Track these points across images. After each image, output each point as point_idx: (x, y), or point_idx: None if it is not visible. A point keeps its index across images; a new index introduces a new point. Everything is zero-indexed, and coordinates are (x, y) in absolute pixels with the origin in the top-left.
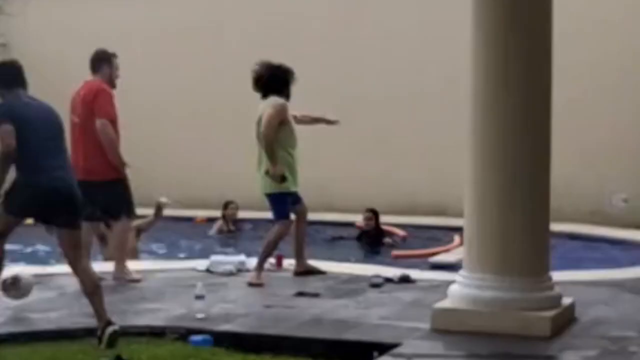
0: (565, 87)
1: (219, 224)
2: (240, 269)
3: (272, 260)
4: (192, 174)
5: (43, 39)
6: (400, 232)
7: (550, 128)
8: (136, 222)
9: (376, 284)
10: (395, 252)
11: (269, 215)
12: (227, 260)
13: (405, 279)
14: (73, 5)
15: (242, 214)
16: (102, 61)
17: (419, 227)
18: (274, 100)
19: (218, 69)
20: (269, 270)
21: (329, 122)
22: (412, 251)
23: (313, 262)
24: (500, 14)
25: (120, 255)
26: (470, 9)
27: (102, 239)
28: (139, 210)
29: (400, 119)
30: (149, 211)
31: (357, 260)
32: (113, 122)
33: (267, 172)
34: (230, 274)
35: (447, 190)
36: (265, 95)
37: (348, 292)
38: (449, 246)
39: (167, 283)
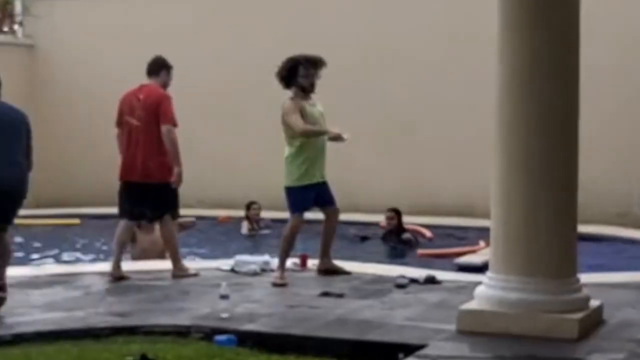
0: (593, 86)
1: (246, 224)
2: (265, 269)
3: (296, 260)
4: (216, 173)
5: (70, 40)
6: (427, 233)
7: (577, 127)
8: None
9: (401, 284)
10: (421, 251)
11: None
12: (252, 260)
13: (430, 280)
14: (100, 6)
15: (269, 215)
16: (163, 68)
17: (445, 227)
18: (285, 99)
19: (244, 68)
20: (293, 270)
21: (336, 138)
22: (438, 250)
23: (339, 263)
24: (526, 12)
25: (175, 253)
26: (497, 6)
27: (132, 238)
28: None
29: (425, 118)
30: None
31: (380, 261)
32: (175, 127)
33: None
34: (254, 273)
35: (473, 190)
36: (285, 88)
37: (373, 292)
38: (476, 247)
39: (192, 283)
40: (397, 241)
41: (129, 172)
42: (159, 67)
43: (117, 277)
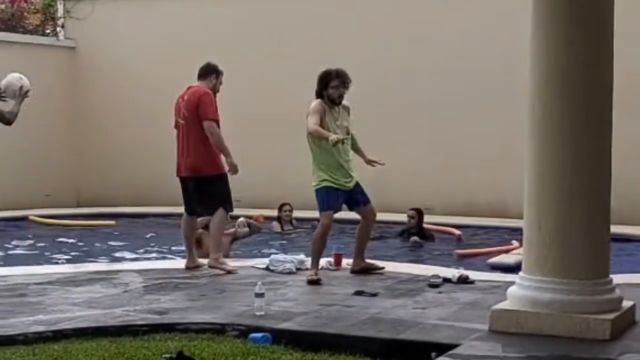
0: (626, 85)
1: (276, 224)
2: (300, 268)
3: (330, 259)
4: (254, 174)
5: (111, 44)
6: (456, 231)
7: (611, 126)
8: (232, 230)
9: (435, 284)
10: (459, 251)
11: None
12: (287, 258)
13: (464, 280)
14: (141, 8)
15: (305, 214)
16: (213, 72)
17: (479, 227)
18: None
19: (284, 73)
20: (327, 269)
21: (369, 162)
22: (474, 250)
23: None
24: (560, 11)
25: (217, 245)
26: (530, 6)
27: (199, 242)
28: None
29: (459, 116)
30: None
31: (393, 258)
32: (217, 123)
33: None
34: (290, 272)
35: (507, 191)
36: (316, 97)
37: (406, 292)
38: (510, 247)
39: (228, 282)
40: (408, 238)
41: (181, 168)
42: (209, 72)
43: (190, 267)
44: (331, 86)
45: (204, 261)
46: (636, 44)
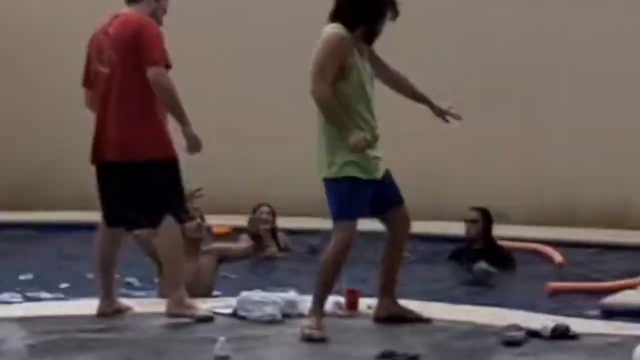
0: None
1: (244, 239)
2: (289, 314)
3: (340, 299)
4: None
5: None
6: (556, 256)
7: None
8: (219, 245)
9: (514, 340)
10: (553, 285)
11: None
12: (268, 298)
13: (561, 333)
14: None
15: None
16: None
17: (583, 245)
18: (329, 28)
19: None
20: (335, 315)
21: (441, 113)
22: (578, 283)
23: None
24: None
25: (176, 277)
26: None
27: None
28: (213, 219)
29: (553, 93)
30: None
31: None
32: (168, 69)
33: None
34: (272, 320)
35: (629, 190)
36: (349, 26)
37: (467, 353)
38: (635, 281)
39: (170, 335)
40: (470, 259)
41: (101, 149)
42: None
43: (107, 313)
44: (381, 20)
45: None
46: None
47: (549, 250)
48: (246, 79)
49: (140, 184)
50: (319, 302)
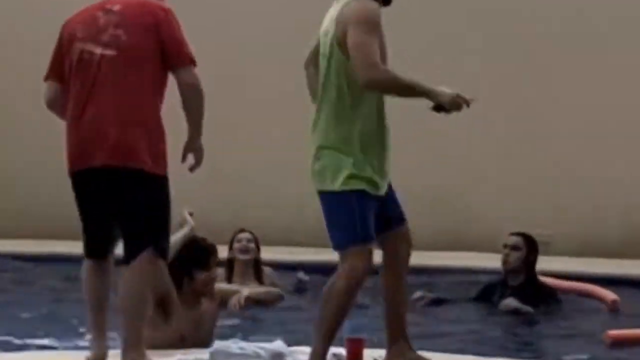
0: None
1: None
2: None
3: (340, 351)
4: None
5: None
6: (609, 295)
7: None
8: (223, 287)
9: None
10: (612, 332)
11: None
12: (248, 349)
13: None
14: None
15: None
16: None
17: None
18: (351, 5)
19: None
20: None
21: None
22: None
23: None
24: None
25: (137, 328)
26: None
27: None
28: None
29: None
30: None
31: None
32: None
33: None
34: None
35: None
36: None
37: None
38: None
39: None
40: (505, 294)
41: (87, 150)
42: None
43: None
44: None
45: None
46: None
47: (598, 289)
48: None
49: (128, 199)
50: (320, 350)
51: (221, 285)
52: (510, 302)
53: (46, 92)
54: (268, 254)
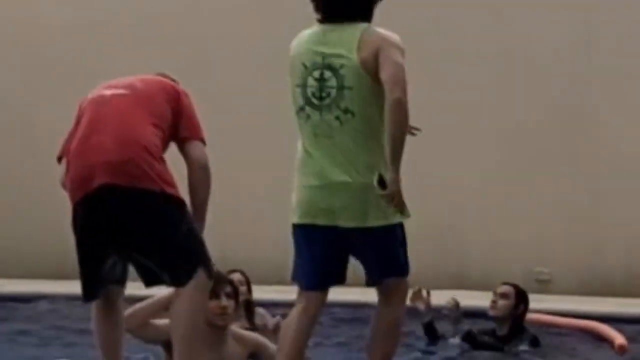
0: None
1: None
2: None
3: None
4: None
5: None
6: (615, 335)
7: None
8: (256, 339)
9: None
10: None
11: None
12: None
13: None
14: None
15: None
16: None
17: None
18: (382, 31)
19: None
20: None
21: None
22: None
23: None
24: None
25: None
26: None
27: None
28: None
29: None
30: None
31: None
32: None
33: (380, 182)
34: None
35: None
36: (339, 17)
37: None
38: None
39: None
40: (485, 346)
41: (88, 170)
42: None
43: None
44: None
45: None
46: None
47: (606, 329)
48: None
49: (156, 221)
50: None
51: (257, 337)
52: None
53: (61, 171)
54: (260, 293)
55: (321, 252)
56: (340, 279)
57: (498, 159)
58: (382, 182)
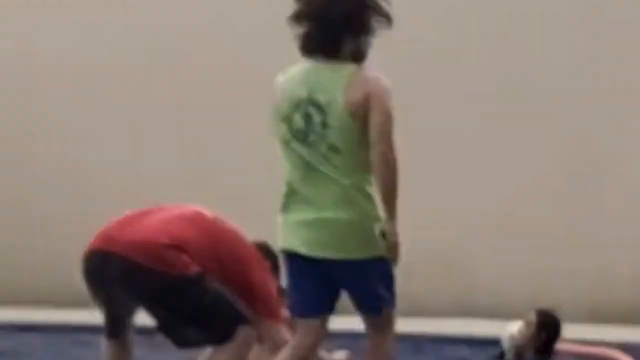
0: None
1: None
2: None
3: None
4: None
5: None
6: None
7: None
8: None
9: None
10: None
11: None
12: None
13: None
14: None
15: None
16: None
17: None
18: (370, 73)
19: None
20: None
21: None
22: None
23: None
24: None
25: None
26: None
27: None
28: None
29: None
30: None
31: None
32: None
33: (382, 235)
34: None
35: None
36: (322, 54)
37: None
38: None
39: None
40: None
41: (110, 236)
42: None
43: None
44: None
45: None
46: None
47: (618, 355)
48: None
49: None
50: None
51: None
52: None
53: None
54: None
55: (306, 282)
56: (328, 309)
57: (502, 188)
58: (383, 235)
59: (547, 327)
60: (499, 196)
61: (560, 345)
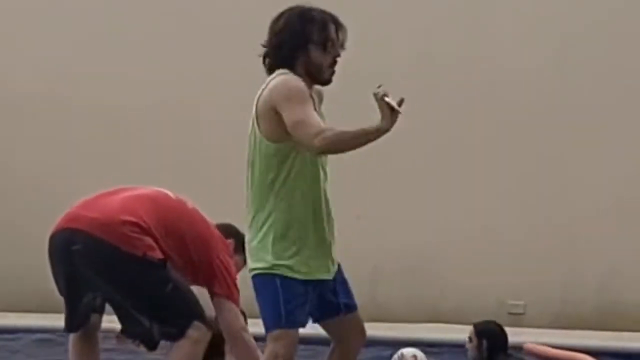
0: None
1: None
2: None
3: None
4: None
5: None
6: None
7: None
8: None
9: None
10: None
11: None
12: None
13: None
14: None
15: None
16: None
17: (627, 354)
18: (283, 76)
19: None
20: None
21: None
22: None
23: None
24: None
25: None
26: None
27: None
28: None
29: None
30: None
31: None
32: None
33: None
34: None
35: None
36: (270, 70)
37: None
38: None
39: None
40: None
41: (75, 214)
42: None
43: None
44: (324, 43)
45: None
46: None
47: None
48: None
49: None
50: None
51: None
52: None
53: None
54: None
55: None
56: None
57: (471, 198)
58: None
59: (485, 335)
60: (468, 205)
61: (532, 348)
